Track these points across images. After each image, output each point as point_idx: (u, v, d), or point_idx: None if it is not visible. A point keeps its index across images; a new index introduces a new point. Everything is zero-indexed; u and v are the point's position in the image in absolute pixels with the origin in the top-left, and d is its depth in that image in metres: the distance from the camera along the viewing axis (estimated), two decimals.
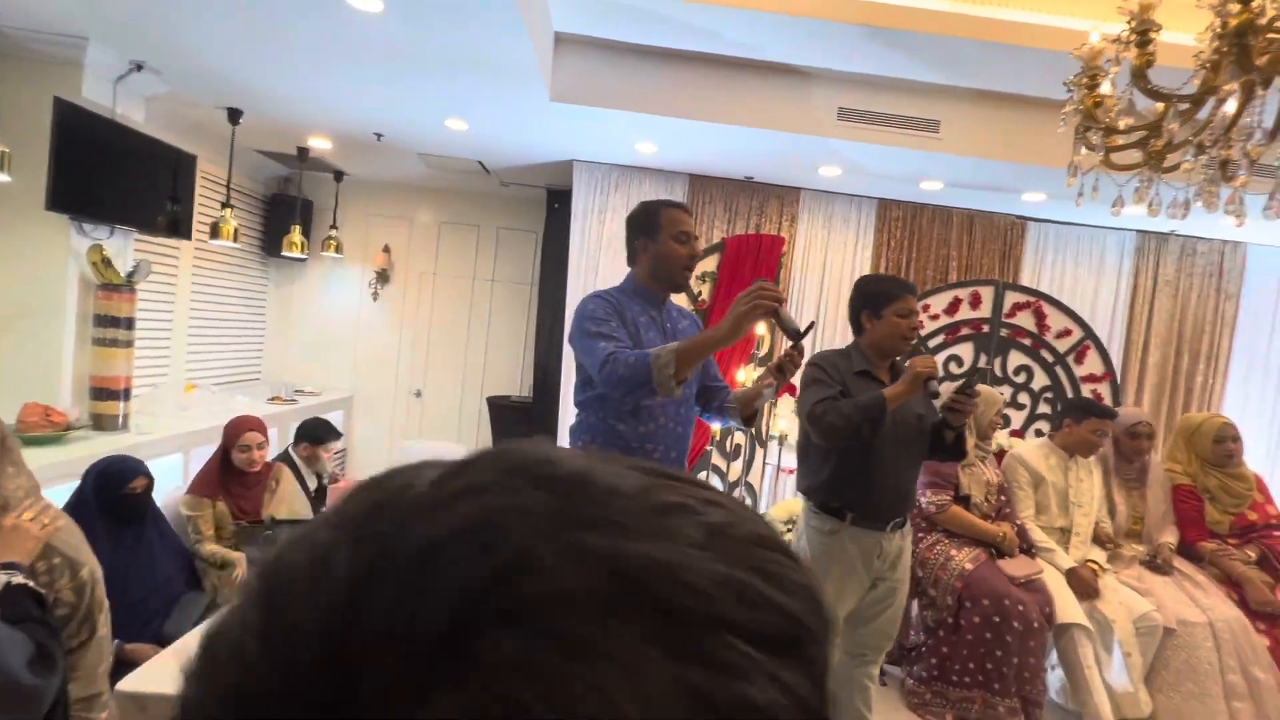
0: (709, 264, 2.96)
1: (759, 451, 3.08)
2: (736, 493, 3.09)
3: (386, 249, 5.08)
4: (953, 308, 3.54)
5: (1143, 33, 1.87)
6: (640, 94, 3.12)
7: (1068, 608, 2.35)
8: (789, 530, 2.49)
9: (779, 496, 3.64)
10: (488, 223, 5.18)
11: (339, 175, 4.80)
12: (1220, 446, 2.68)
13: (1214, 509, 2.68)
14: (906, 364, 1.75)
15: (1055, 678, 2.42)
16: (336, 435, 3.01)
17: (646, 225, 1.66)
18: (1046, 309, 3.58)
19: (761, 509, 3.06)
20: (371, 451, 5.01)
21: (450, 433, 5.20)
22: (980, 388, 2.05)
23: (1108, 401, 3.33)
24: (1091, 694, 2.27)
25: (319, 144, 4.02)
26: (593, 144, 3.74)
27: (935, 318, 3.54)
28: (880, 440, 1.76)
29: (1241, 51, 1.63)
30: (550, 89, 3.02)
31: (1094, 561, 2.50)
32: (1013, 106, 3.14)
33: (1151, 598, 2.43)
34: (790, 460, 2.98)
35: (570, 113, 3.19)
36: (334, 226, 4.76)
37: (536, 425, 4.57)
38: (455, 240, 5.19)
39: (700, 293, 2.82)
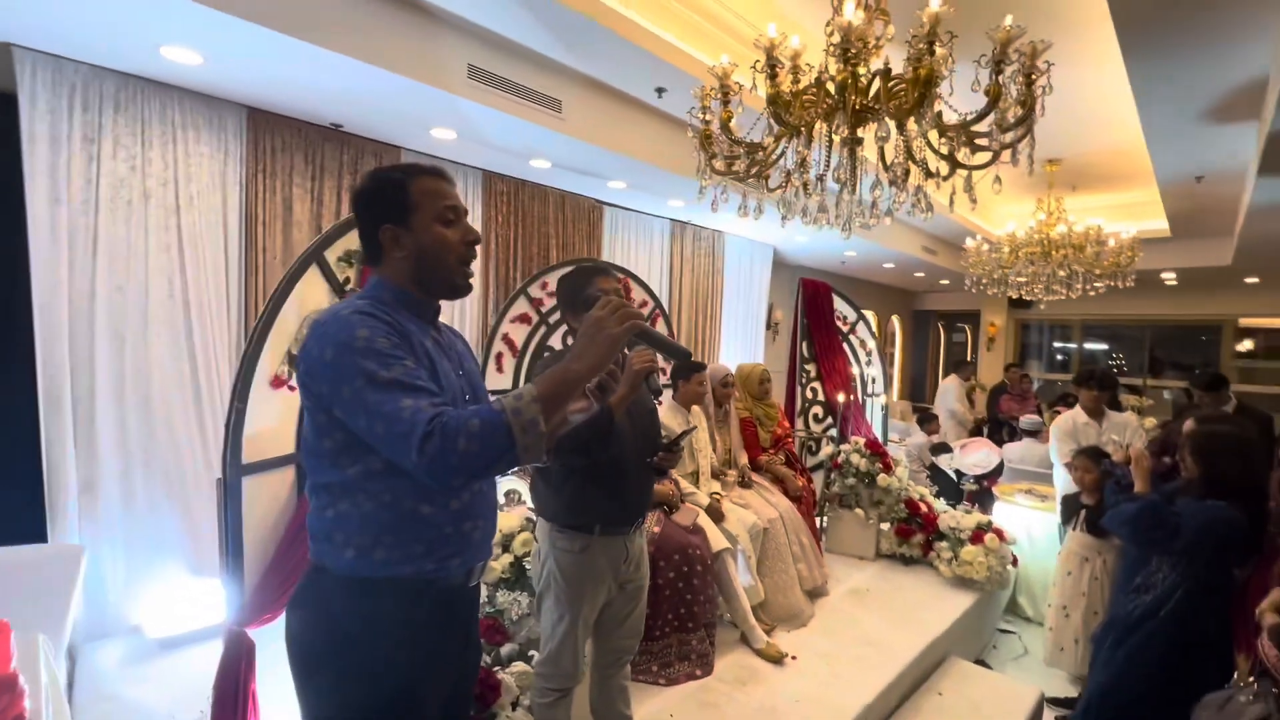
0: (351, 239, 2.15)
1: None
2: None
3: None
4: None
5: (772, 67, 2.27)
6: None
7: (715, 538, 2.86)
8: (511, 558, 2.20)
9: None
10: None
11: None
12: (762, 386, 3.72)
13: (762, 431, 3.71)
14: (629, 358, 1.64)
15: None
16: None
17: (392, 206, 1.09)
18: (632, 284, 4.16)
19: None
20: None
21: None
22: None
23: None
24: (738, 598, 2.86)
25: None
26: (72, 27, 2.29)
27: (554, 295, 3.66)
28: (620, 444, 1.70)
29: (841, 102, 2.17)
30: None
31: (717, 493, 3.12)
32: (618, 101, 3.42)
33: (750, 509, 3.20)
34: None
35: None
36: None
37: None
38: None
39: (348, 280, 2.05)
